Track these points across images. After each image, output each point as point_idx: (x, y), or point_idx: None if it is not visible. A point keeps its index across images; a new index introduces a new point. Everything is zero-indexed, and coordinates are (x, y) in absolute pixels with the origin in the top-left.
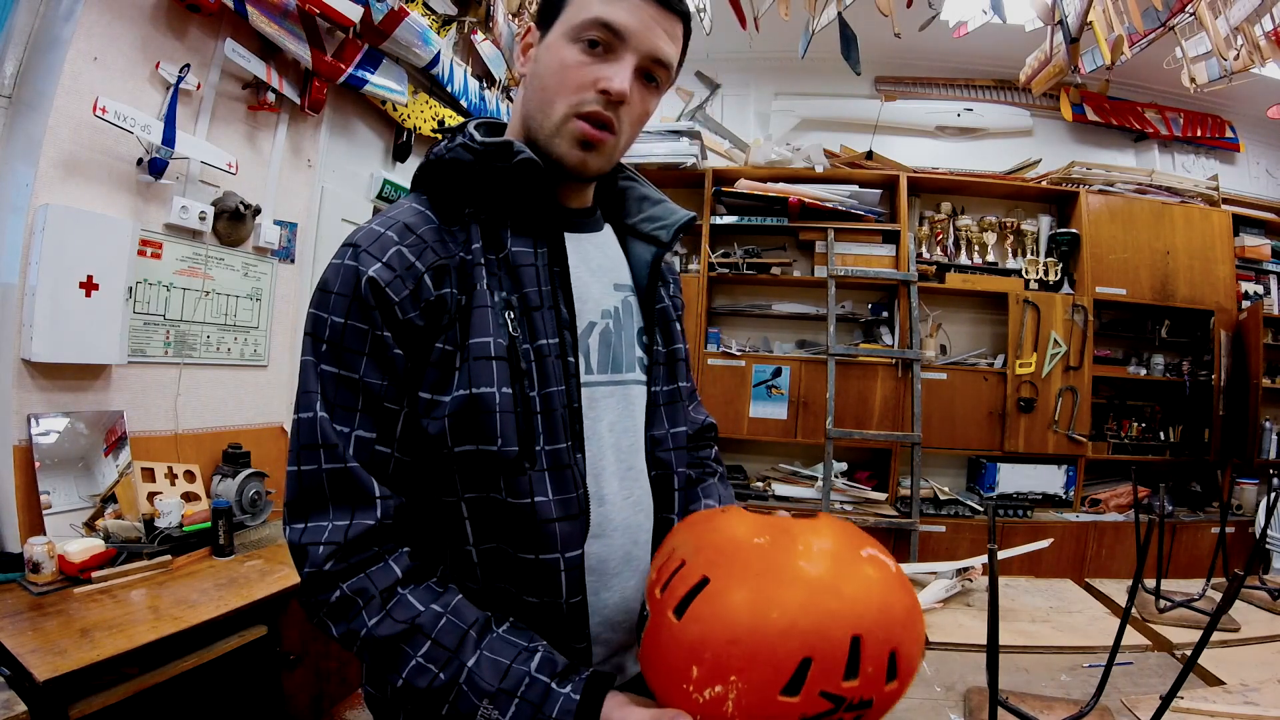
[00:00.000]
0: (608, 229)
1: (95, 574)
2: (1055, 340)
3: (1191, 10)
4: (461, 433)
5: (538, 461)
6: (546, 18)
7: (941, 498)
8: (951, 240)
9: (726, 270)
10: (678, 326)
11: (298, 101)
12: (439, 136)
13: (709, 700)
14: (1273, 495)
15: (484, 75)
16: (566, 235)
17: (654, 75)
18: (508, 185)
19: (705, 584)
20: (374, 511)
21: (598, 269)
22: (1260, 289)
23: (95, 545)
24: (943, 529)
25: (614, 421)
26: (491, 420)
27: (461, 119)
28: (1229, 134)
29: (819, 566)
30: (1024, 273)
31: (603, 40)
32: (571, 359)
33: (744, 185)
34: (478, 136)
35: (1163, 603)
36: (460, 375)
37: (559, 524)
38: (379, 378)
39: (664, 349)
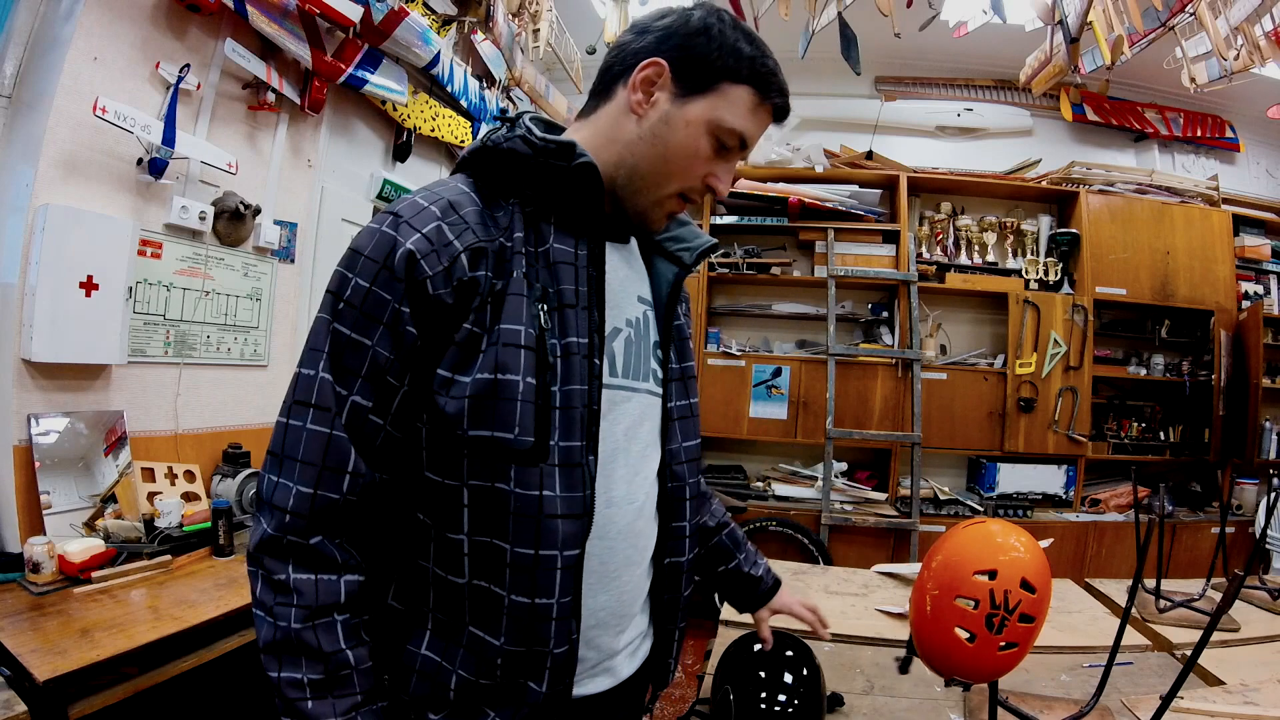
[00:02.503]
0: (634, 243)
1: (95, 574)
2: (1055, 340)
3: (1191, 10)
4: (479, 417)
5: (550, 456)
6: (690, 82)
7: (941, 498)
8: (951, 240)
9: (726, 270)
10: (690, 345)
11: (298, 101)
12: (446, 139)
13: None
14: (1273, 495)
15: (484, 75)
16: (606, 243)
17: None
18: (560, 184)
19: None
20: (341, 485)
21: (625, 279)
22: (1260, 289)
23: (95, 545)
24: (943, 529)
25: (629, 427)
26: (512, 408)
27: (463, 119)
28: (1229, 134)
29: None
30: (1024, 273)
31: (731, 147)
32: (597, 360)
33: (744, 185)
34: (537, 132)
35: (1163, 603)
36: (485, 358)
37: (562, 521)
38: (389, 350)
39: (678, 365)
